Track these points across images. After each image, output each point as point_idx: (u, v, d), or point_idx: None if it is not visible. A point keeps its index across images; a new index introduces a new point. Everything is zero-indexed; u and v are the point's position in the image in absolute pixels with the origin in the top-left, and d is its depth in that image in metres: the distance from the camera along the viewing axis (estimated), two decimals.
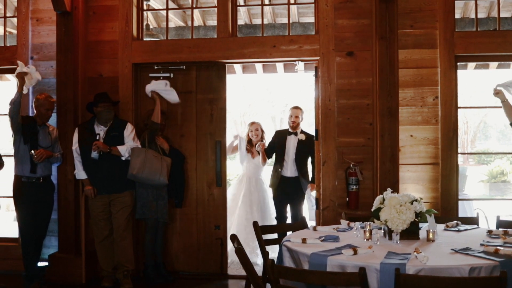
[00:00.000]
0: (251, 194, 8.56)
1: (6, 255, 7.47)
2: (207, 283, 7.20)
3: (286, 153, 8.36)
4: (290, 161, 8.33)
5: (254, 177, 8.71)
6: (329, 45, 7.19)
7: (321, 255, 4.16)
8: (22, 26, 7.78)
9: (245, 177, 8.76)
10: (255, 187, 8.64)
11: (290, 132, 8.42)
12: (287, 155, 8.35)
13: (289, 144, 8.36)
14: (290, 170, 8.33)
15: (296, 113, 8.37)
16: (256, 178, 8.72)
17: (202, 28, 10.94)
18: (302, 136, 8.29)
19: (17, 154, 6.73)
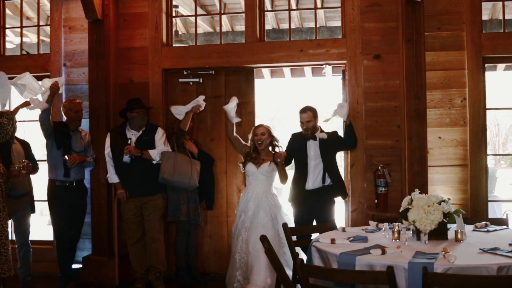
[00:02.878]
0: (257, 217, 6.62)
1: (41, 257, 7.64)
2: None
3: (308, 162, 6.87)
4: (314, 170, 6.84)
5: (263, 193, 6.78)
6: (356, 49, 7.25)
7: (350, 255, 4.22)
8: (55, 34, 7.97)
9: (250, 194, 6.83)
10: (265, 206, 6.68)
11: (308, 138, 6.95)
12: (310, 164, 6.86)
13: (310, 151, 6.90)
14: (313, 181, 6.84)
15: (306, 117, 6.91)
16: (266, 194, 6.78)
17: (230, 33, 11.07)
18: (323, 135, 6.92)
19: (50, 159, 6.90)
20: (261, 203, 6.66)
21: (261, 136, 6.81)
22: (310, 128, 6.89)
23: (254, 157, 6.80)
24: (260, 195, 6.71)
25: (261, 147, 6.80)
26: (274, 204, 6.70)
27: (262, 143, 6.79)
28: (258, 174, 6.76)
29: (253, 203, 6.68)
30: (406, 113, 6.81)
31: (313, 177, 6.84)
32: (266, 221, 6.53)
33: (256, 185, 6.78)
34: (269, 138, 6.87)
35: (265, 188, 6.77)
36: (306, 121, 6.90)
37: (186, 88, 7.78)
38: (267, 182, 6.80)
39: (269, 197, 6.74)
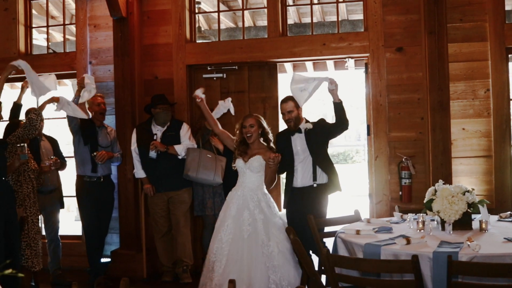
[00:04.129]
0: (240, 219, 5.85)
1: (70, 252, 7.78)
2: None
3: (294, 158, 6.27)
4: (303, 166, 6.26)
5: (249, 190, 6.00)
6: (378, 42, 7.27)
7: (375, 245, 4.27)
8: (80, 33, 8.10)
9: (235, 192, 6.09)
10: (250, 206, 5.90)
11: (293, 131, 6.34)
12: (296, 159, 6.28)
13: (295, 145, 6.30)
14: (302, 177, 6.25)
15: (288, 107, 6.28)
16: (254, 192, 6.00)
17: (252, 28, 11.13)
18: (308, 125, 6.30)
19: (77, 155, 7.03)
20: (247, 202, 5.90)
21: (249, 128, 6.05)
22: (293, 119, 6.26)
23: (242, 151, 6.08)
24: (246, 193, 5.96)
25: (250, 140, 6.06)
26: (263, 204, 5.92)
27: (251, 135, 6.04)
28: (245, 169, 6.02)
29: (237, 202, 5.94)
30: (430, 105, 6.83)
31: (302, 173, 6.24)
32: (251, 222, 5.78)
33: (243, 182, 6.05)
34: (259, 129, 6.10)
35: (253, 185, 5.99)
36: (288, 111, 6.27)
37: (210, 83, 7.86)
38: (255, 178, 6.01)
39: (259, 196, 5.97)
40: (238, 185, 6.09)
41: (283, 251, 5.72)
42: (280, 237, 5.77)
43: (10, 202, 5.64)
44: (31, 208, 6.29)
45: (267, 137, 6.17)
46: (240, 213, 5.84)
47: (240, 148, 6.10)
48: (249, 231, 5.73)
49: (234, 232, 5.76)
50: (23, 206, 6.20)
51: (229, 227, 5.82)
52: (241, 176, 6.08)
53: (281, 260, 5.65)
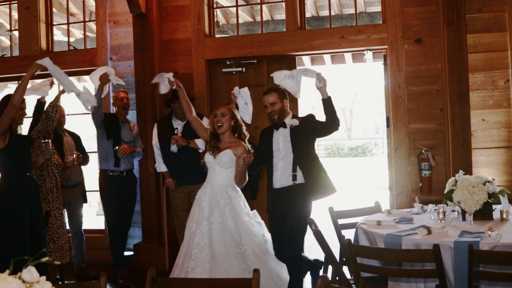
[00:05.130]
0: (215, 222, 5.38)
1: (94, 245, 7.89)
2: None
3: (274, 154, 5.75)
4: (283, 164, 5.69)
5: (219, 187, 5.53)
6: (397, 33, 7.28)
7: (396, 235, 4.31)
8: (100, 29, 8.19)
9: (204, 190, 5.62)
10: (226, 208, 5.42)
11: (277, 126, 5.80)
12: (276, 156, 5.74)
13: (277, 141, 5.76)
14: (281, 177, 5.70)
15: (270, 99, 5.76)
16: (225, 190, 5.53)
17: (270, 22, 11.17)
18: (293, 121, 5.74)
19: (100, 149, 7.12)
20: (217, 200, 5.44)
21: (221, 118, 5.54)
22: (277, 112, 5.71)
23: (212, 145, 5.59)
24: (216, 190, 5.49)
25: (221, 130, 5.55)
26: (235, 201, 5.49)
27: (222, 125, 5.53)
28: (215, 164, 5.53)
29: (208, 201, 5.47)
30: (449, 96, 6.84)
31: (281, 172, 5.69)
32: (221, 221, 5.35)
33: (212, 178, 5.57)
34: (231, 120, 5.58)
35: (223, 181, 5.52)
36: (270, 104, 5.73)
37: (229, 77, 7.92)
38: (225, 174, 5.53)
39: (229, 193, 5.51)
40: (206, 182, 5.61)
41: (256, 251, 5.32)
42: (251, 237, 5.36)
43: (35, 197, 5.76)
44: (54, 202, 6.40)
45: (240, 130, 5.66)
46: (211, 212, 5.40)
47: (211, 142, 5.61)
48: (218, 231, 5.29)
49: (209, 234, 5.31)
50: (46, 200, 6.32)
51: (204, 228, 5.36)
52: (210, 172, 5.60)
53: (255, 261, 5.23)
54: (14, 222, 5.51)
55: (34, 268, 1.75)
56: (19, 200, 5.55)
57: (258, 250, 5.36)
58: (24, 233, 5.54)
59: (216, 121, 5.56)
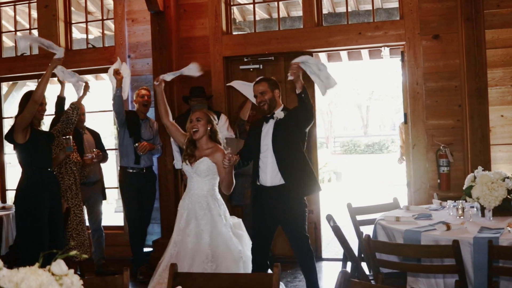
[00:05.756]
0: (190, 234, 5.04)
1: (113, 242, 7.96)
2: None
3: (261, 149, 5.44)
4: (270, 161, 5.37)
5: (198, 198, 5.14)
6: (414, 29, 7.26)
7: (415, 231, 4.32)
8: (118, 27, 8.25)
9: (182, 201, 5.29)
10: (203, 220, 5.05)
11: (267, 117, 5.50)
12: (264, 151, 5.42)
13: (264, 135, 5.45)
14: (271, 175, 5.37)
15: (260, 88, 5.48)
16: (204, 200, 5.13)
17: (287, 19, 11.18)
18: (279, 114, 5.39)
19: (121, 146, 7.18)
20: (195, 211, 5.09)
21: (196, 123, 5.17)
22: (267, 101, 5.41)
23: (189, 153, 5.21)
24: (194, 200, 5.13)
25: (196, 136, 5.16)
26: (214, 212, 5.09)
27: (197, 130, 5.14)
28: (192, 173, 5.17)
29: (186, 213, 5.14)
30: (467, 92, 6.81)
31: (271, 169, 5.37)
32: (196, 233, 5.01)
33: (191, 188, 5.22)
34: (207, 125, 5.18)
35: (201, 191, 5.14)
36: (260, 93, 5.44)
37: (247, 74, 7.94)
38: (204, 184, 5.15)
39: (209, 203, 5.11)
40: (186, 192, 5.28)
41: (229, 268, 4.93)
42: (226, 253, 4.97)
43: (55, 193, 5.83)
44: (73, 199, 6.47)
45: (215, 136, 5.27)
46: (188, 224, 5.07)
47: (187, 150, 5.23)
48: (193, 243, 4.96)
49: (180, 246, 5.02)
50: (64, 197, 6.39)
51: (177, 241, 5.09)
52: (189, 182, 5.25)
53: None
54: (34, 217, 5.57)
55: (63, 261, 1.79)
56: (40, 195, 5.61)
57: (232, 267, 4.94)
58: (43, 228, 5.61)
59: (191, 126, 5.19)
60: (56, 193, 5.85)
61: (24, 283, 1.65)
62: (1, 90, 9.28)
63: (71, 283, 1.78)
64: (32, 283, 1.66)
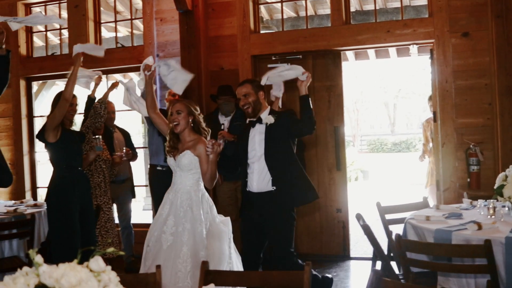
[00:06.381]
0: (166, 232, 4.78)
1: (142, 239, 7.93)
2: (331, 265, 7.43)
3: (249, 154, 5.24)
4: (258, 166, 5.17)
5: (184, 196, 4.90)
6: (443, 27, 7.21)
7: (446, 231, 4.29)
8: (147, 27, 8.31)
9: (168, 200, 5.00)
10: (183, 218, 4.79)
11: (253, 121, 5.28)
12: (253, 156, 5.22)
13: (253, 139, 5.25)
14: (257, 181, 5.16)
15: (244, 90, 5.27)
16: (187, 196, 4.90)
17: (315, 17, 11.16)
18: (269, 118, 5.16)
19: (151, 145, 7.24)
20: (176, 207, 4.85)
21: (176, 115, 4.94)
22: (251, 104, 5.19)
23: (171, 146, 5.03)
24: (177, 196, 4.91)
25: (178, 129, 4.95)
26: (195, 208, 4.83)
27: (178, 124, 4.93)
28: (176, 167, 5.00)
29: (167, 207, 4.92)
30: (497, 90, 6.76)
31: (258, 174, 5.14)
32: (174, 232, 4.74)
33: (174, 183, 5.03)
34: (188, 117, 4.97)
35: (184, 186, 4.93)
36: (243, 95, 5.22)
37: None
38: (187, 178, 4.94)
39: (192, 198, 4.88)
40: (170, 186, 5.07)
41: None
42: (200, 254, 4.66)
43: (86, 191, 5.89)
44: (102, 197, 6.54)
45: (199, 127, 5.07)
46: (165, 219, 4.84)
47: (170, 142, 5.04)
48: (169, 242, 4.70)
49: (156, 242, 4.80)
50: (93, 195, 6.46)
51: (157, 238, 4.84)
52: (174, 176, 5.06)
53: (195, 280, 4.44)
54: (65, 214, 5.63)
55: (101, 258, 1.82)
56: (70, 193, 5.67)
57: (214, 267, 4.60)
58: (74, 225, 5.66)
59: (172, 119, 4.96)
60: (86, 191, 5.92)
61: (64, 279, 1.68)
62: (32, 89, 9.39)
63: (108, 280, 1.81)
64: (72, 279, 1.69)
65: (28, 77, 9.18)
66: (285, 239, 5.10)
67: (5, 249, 5.97)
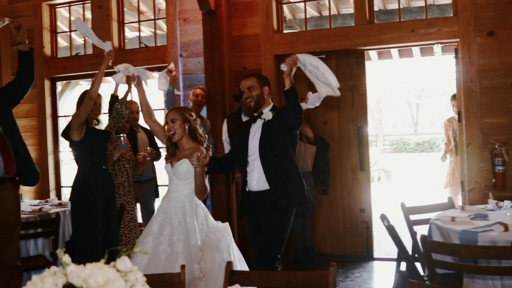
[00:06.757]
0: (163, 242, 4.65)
1: None
2: (354, 265, 7.40)
3: (249, 152, 5.01)
4: (257, 164, 4.94)
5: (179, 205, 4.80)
6: (468, 26, 7.13)
7: (472, 232, 4.26)
8: (170, 27, 8.33)
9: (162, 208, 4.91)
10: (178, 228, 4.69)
11: (254, 116, 5.09)
12: (251, 154, 4.99)
13: (252, 137, 5.04)
14: (257, 180, 4.94)
15: (248, 83, 5.07)
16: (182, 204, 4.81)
17: (338, 17, 11.12)
18: (268, 114, 4.98)
19: None
20: (170, 217, 4.75)
21: (172, 125, 4.88)
22: (254, 98, 4.99)
23: (170, 153, 4.99)
24: (172, 205, 4.81)
25: (175, 138, 4.88)
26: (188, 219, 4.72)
27: (174, 133, 4.87)
28: (172, 175, 4.91)
29: (161, 215, 4.81)
30: None
31: (258, 172, 4.93)
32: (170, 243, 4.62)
33: (170, 191, 4.95)
34: (184, 125, 4.88)
35: (179, 195, 4.84)
36: (247, 88, 5.02)
37: (298, 73, 7.86)
38: (183, 187, 4.86)
39: (186, 209, 4.77)
40: (165, 194, 5.00)
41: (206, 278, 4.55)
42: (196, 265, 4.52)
43: (109, 190, 5.92)
44: (125, 196, 6.56)
45: (195, 134, 4.96)
46: (161, 229, 4.72)
47: (169, 150, 4.99)
48: (167, 253, 4.58)
49: (152, 252, 4.60)
50: (116, 194, 6.47)
51: (147, 245, 4.68)
52: (169, 183, 4.98)
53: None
54: (88, 213, 5.66)
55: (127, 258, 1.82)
56: (94, 192, 5.70)
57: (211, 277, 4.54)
58: (97, 225, 5.69)
59: (168, 128, 4.92)
60: (110, 191, 5.94)
61: (92, 279, 1.69)
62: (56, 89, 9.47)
63: (135, 280, 1.81)
64: (99, 279, 1.69)
65: (53, 77, 9.26)
66: (274, 239, 4.84)
67: (31, 248, 6.03)
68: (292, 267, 7.37)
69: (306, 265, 7.38)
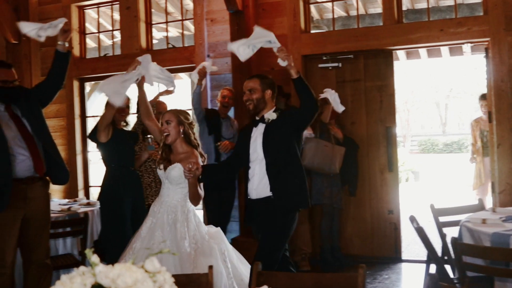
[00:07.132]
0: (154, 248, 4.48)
1: None
2: (382, 267, 7.33)
3: (250, 157, 4.80)
4: (260, 169, 4.73)
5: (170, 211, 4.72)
6: (499, 25, 7.03)
7: (503, 234, 4.19)
8: (198, 27, 8.35)
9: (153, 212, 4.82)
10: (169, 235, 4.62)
11: (256, 120, 4.86)
12: (253, 160, 4.79)
13: (254, 141, 4.80)
14: (257, 186, 4.75)
15: (249, 84, 4.89)
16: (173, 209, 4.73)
17: (366, 16, 11.05)
18: (271, 115, 4.76)
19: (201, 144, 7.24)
20: (162, 222, 4.64)
21: (166, 126, 4.79)
22: (253, 101, 4.76)
23: (163, 157, 4.84)
24: (163, 210, 4.71)
25: (168, 140, 4.79)
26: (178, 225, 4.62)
27: (168, 134, 4.78)
28: (164, 179, 4.81)
29: (151, 220, 4.72)
30: None
31: (258, 179, 4.73)
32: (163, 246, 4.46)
33: (162, 195, 4.86)
34: (179, 127, 4.80)
35: (171, 200, 4.75)
36: (248, 90, 4.81)
37: (325, 73, 7.89)
38: (175, 192, 4.76)
39: (177, 215, 4.68)
40: (157, 198, 4.91)
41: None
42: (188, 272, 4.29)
43: (138, 191, 5.96)
44: (152, 197, 6.57)
45: (189, 139, 4.86)
46: (152, 234, 4.62)
47: (162, 153, 4.86)
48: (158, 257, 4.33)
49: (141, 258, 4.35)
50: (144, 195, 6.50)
51: (135, 250, 4.60)
52: (162, 187, 4.90)
53: None
54: (116, 213, 5.71)
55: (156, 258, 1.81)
56: (122, 193, 5.74)
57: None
58: (126, 226, 5.72)
59: (162, 130, 4.82)
60: (138, 191, 5.98)
61: (120, 279, 1.68)
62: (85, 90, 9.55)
63: (163, 280, 1.81)
64: (128, 280, 1.69)
65: (81, 78, 9.34)
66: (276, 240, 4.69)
67: (59, 247, 6.08)
68: (319, 268, 7.34)
69: (333, 266, 7.33)
